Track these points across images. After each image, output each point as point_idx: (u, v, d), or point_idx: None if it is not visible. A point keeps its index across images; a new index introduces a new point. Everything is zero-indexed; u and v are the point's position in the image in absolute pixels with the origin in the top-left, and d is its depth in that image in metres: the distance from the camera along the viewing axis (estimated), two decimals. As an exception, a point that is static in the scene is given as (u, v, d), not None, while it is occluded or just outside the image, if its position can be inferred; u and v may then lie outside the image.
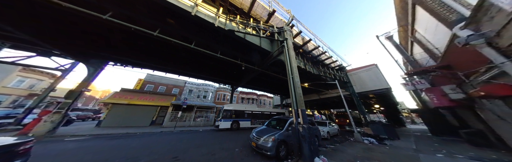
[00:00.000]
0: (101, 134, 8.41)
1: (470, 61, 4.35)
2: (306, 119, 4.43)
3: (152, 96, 16.00)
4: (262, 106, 29.06)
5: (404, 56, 10.21)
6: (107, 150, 4.93)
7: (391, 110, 20.60)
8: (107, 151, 4.86)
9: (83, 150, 4.94)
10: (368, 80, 11.83)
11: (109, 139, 6.94)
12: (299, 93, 5.01)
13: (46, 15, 6.04)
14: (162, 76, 21.08)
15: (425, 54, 7.09)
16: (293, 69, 5.61)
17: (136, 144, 5.89)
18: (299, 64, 9.69)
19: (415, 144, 7.09)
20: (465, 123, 7.99)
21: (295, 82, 5.26)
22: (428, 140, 8.57)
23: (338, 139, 8.73)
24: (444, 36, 4.97)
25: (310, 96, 17.53)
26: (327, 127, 9.05)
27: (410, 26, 7.16)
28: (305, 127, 4.08)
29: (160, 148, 5.40)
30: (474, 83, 4.69)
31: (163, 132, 10.37)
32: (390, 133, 8.36)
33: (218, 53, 7.54)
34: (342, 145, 6.95)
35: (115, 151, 4.82)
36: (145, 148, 5.32)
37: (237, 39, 7.01)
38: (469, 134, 6.64)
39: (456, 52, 4.75)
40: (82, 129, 10.20)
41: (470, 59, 4.32)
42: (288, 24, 7.45)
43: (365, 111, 11.34)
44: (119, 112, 13.38)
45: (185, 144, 6.21)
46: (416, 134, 11.35)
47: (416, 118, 38.12)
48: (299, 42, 10.04)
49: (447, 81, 6.21)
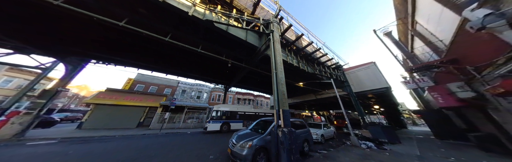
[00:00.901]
0: (73, 138, 7.79)
1: (483, 52, 3.64)
2: (288, 121, 3.69)
3: (140, 96, 15.29)
4: (259, 107, 28.25)
5: (404, 53, 9.51)
6: (49, 158, 4.23)
7: (392, 111, 19.79)
8: (47, 159, 4.17)
9: (23, 156, 4.25)
10: (366, 79, 11.09)
11: (74, 144, 6.23)
12: (283, 91, 4.28)
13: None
14: (153, 76, 20.39)
15: (428, 48, 6.38)
16: (278, 64, 4.90)
17: (98, 150, 5.17)
18: (291, 61, 9.02)
19: (418, 149, 6.30)
20: (473, 125, 7.22)
21: (279, 78, 4.54)
22: (432, 144, 7.78)
23: (334, 143, 7.95)
24: (450, 25, 4.28)
25: (307, 96, 16.78)
26: (321, 130, 8.27)
27: (410, 17, 6.48)
28: (285, 131, 3.33)
29: (121, 155, 4.66)
30: (488, 78, 3.96)
31: (145, 135, 9.71)
32: (390, 136, 7.58)
33: (199, 48, 6.85)
34: (336, 150, 6.18)
35: (54, 159, 4.15)
36: (97, 156, 4.57)
37: (222, 34, 6.34)
38: (479, 138, 5.86)
39: (465, 42, 4.04)
40: (61, 132, 9.57)
41: (483, 49, 3.60)
42: (275, 16, 6.79)
43: (364, 112, 10.58)
44: (104, 113, 12.67)
45: (157, 149, 5.48)
46: (419, 137, 10.53)
47: (417, 119, 37.19)
48: (291, 38, 9.38)
49: (454, 77, 5.49)
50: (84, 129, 11.58)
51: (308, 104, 21.16)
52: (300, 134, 5.63)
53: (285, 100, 4.10)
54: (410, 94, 17.92)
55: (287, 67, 10.12)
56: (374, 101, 15.76)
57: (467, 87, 5.06)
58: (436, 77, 6.94)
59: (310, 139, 6.08)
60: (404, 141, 8.39)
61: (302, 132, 5.81)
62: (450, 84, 5.49)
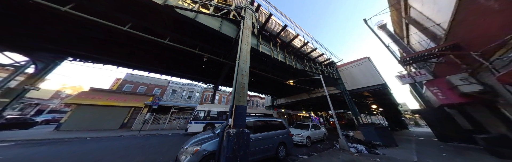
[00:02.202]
0: (34, 140, 7.23)
1: (491, 30, 2.81)
2: (242, 120, 2.88)
3: (125, 96, 14.65)
4: (254, 107, 27.38)
5: (400, 46, 8.64)
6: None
7: (392, 111, 18.72)
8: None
9: None
10: (360, 76, 10.20)
11: (27, 147, 5.59)
12: (243, 83, 3.50)
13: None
14: (143, 76, 19.80)
15: (424, 37, 5.53)
16: (243, 52, 4.14)
17: (39, 155, 4.50)
18: (276, 56, 8.27)
19: (416, 154, 5.39)
20: (480, 125, 6.29)
21: (241, 68, 3.76)
22: (433, 147, 6.84)
23: (322, 146, 7.06)
24: (449, 2, 3.48)
25: (300, 95, 15.91)
26: (308, 131, 7.41)
27: (403, 2, 5.67)
28: (231, 133, 2.53)
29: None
30: (499, 64, 3.11)
31: (122, 136, 9.09)
32: (385, 138, 6.66)
33: (166, 40, 6.13)
34: (319, 155, 5.32)
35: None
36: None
37: (193, 24, 5.61)
38: (489, 140, 4.94)
39: (467, 20, 3.22)
40: (32, 133, 8.92)
41: (491, 26, 2.77)
42: (251, 2, 6.07)
43: (365, 112, 9.67)
44: (85, 113, 12.04)
45: (108, 154, 4.74)
46: (419, 139, 9.54)
47: (419, 119, 35.73)
48: (276, 30, 8.62)
49: (455, 68, 4.63)
50: (62, 130, 10.98)
51: (305, 104, 20.23)
52: (275, 136, 4.82)
53: (243, 94, 3.31)
54: (410, 92, 16.91)
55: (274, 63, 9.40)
56: (372, 100, 14.78)
57: (472, 79, 4.20)
58: (435, 70, 6.04)
59: (289, 142, 5.24)
60: (402, 144, 7.45)
61: (278, 133, 4.99)
62: (451, 77, 4.63)
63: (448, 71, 4.96)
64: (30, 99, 20.68)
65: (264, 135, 4.41)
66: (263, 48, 7.72)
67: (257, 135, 4.21)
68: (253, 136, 4.02)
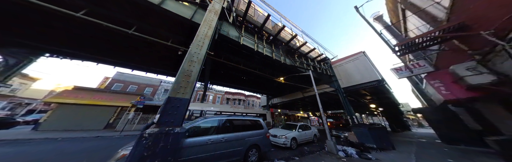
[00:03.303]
0: (5, 140, 6.46)
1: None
2: (174, 117, 2.16)
3: (111, 95, 14.08)
4: (250, 108, 26.62)
5: (398, 39, 7.84)
6: None
7: (392, 111, 17.72)
8: None
9: None
10: (355, 72, 9.38)
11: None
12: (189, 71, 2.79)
13: None
14: (134, 75, 19.30)
15: (423, 21, 4.74)
16: (200, 36, 3.44)
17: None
18: (262, 50, 7.61)
19: (415, 159, 4.57)
20: (492, 125, 5.42)
21: (192, 53, 3.06)
22: (436, 151, 5.98)
23: (309, 149, 6.26)
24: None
25: (295, 94, 15.11)
26: (294, 132, 6.62)
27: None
28: (147, 133, 1.81)
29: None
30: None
31: (98, 137, 8.58)
32: (380, 141, 5.84)
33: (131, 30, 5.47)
34: (301, 159, 4.55)
35: None
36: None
37: (167, 15, 4.96)
38: (503, 143, 4.11)
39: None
40: (5, 134, 8.53)
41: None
42: (223, -14, 5.38)
43: (353, 111, 8.84)
44: (67, 113, 11.50)
45: (47, 159, 4.05)
46: (421, 141, 8.63)
47: (423, 120, 34.37)
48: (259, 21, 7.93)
49: (461, 56, 3.85)
50: (41, 130, 10.44)
51: (301, 103, 19.40)
52: (245, 137, 4.08)
53: (187, 84, 2.59)
54: (412, 92, 15.94)
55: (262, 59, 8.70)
56: (370, 99, 13.89)
57: (481, 68, 3.41)
58: (436, 60, 5.19)
59: (265, 144, 4.49)
60: (400, 147, 6.60)
61: (250, 134, 4.24)
62: (456, 66, 3.83)
63: (452, 61, 4.16)
64: (20, 99, 20.32)
65: (228, 137, 3.67)
66: (246, 41, 7.04)
67: (218, 136, 3.48)
68: (212, 138, 3.32)
